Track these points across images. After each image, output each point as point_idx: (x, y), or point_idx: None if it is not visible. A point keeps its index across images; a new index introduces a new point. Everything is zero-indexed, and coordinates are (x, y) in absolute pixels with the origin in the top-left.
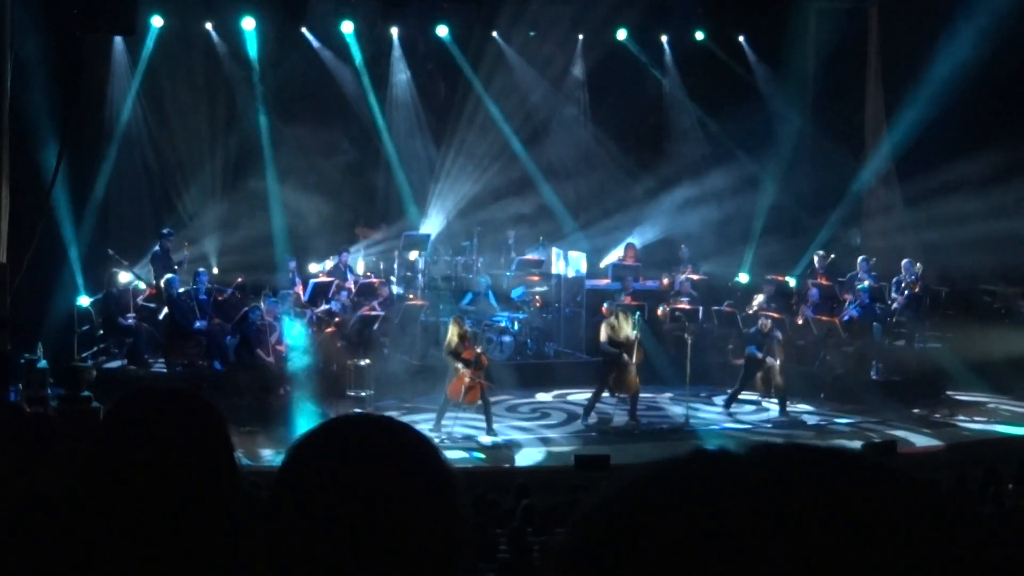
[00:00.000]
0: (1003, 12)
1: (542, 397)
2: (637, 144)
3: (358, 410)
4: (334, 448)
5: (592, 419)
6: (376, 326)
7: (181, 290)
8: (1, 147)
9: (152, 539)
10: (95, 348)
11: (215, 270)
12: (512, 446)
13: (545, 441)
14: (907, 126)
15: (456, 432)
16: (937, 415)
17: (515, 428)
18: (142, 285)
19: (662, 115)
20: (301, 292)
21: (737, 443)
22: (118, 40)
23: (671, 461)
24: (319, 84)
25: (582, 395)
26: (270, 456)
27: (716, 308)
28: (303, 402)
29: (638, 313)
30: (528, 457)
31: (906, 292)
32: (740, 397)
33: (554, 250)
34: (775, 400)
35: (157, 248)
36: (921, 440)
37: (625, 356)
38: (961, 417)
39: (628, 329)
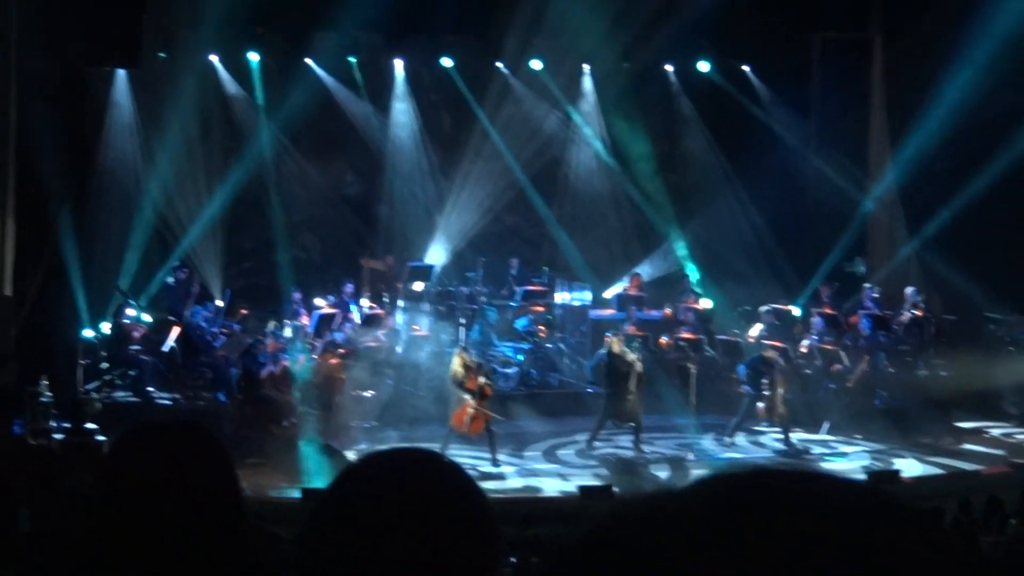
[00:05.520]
0: (1006, 42)
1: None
2: (644, 173)
3: (407, 445)
4: (378, 482)
5: (596, 448)
6: (380, 357)
7: (200, 323)
8: (7, 181)
9: (158, 573)
10: (99, 381)
11: (219, 302)
12: (516, 476)
13: (549, 471)
14: (911, 154)
15: (460, 463)
16: (941, 443)
17: (519, 458)
18: (147, 317)
19: (671, 144)
20: (306, 324)
21: (709, 472)
22: (121, 73)
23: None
24: (324, 116)
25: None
26: (275, 488)
27: (720, 337)
28: (307, 434)
29: (637, 341)
30: (532, 487)
31: (908, 319)
32: (744, 427)
33: (558, 280)
34: (779, 429)
35: (171, 280)
36: (925, 468)
37: (625, 384)
38: (965, 445)
39: (629, 357)
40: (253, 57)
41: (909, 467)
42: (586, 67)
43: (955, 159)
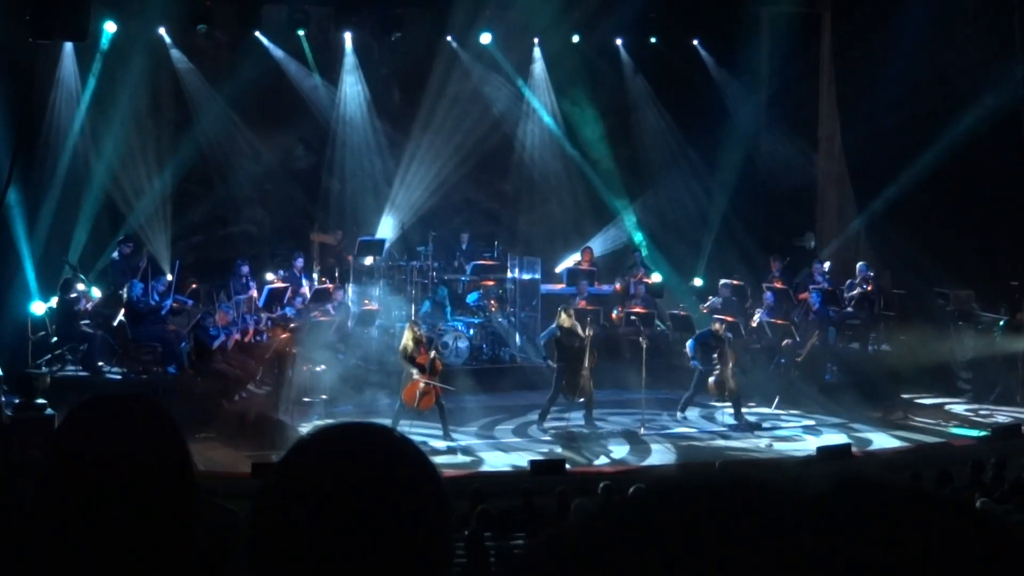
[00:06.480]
0: (953, 18)
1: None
2: (595, 148)
3: (355, 420)
4: (328, 456)
5: (548, 423)
6: (331, 331)
7: (142, 296)
8: None
9: (108, 548)
10: (49, 355)
11: (169, 276)
12: (467, 451)
13: (500, 446)
14: (860, 129)
15: (411, 437)
16: (892, 417)
17: (470, 434)
18: (96, 292)
19: (622, 119)
20: (256, 297)
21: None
22: (68, 46)
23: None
24: (273, 90)
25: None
26: (226, 462)
27: (672, 312)
28: (258, 408)
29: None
30: (483, 462)
31: (858, 294)
32: (695, 401)
33: (509, 254)
34: (730, 404)
35: (116, 255)
36: (876, 443)
37: (578, 359)
38: (915, 419)
39: (581, 331)
40: (201, 29)
41: (859, 442)
42: (536, 41)
43: (904, 134)
